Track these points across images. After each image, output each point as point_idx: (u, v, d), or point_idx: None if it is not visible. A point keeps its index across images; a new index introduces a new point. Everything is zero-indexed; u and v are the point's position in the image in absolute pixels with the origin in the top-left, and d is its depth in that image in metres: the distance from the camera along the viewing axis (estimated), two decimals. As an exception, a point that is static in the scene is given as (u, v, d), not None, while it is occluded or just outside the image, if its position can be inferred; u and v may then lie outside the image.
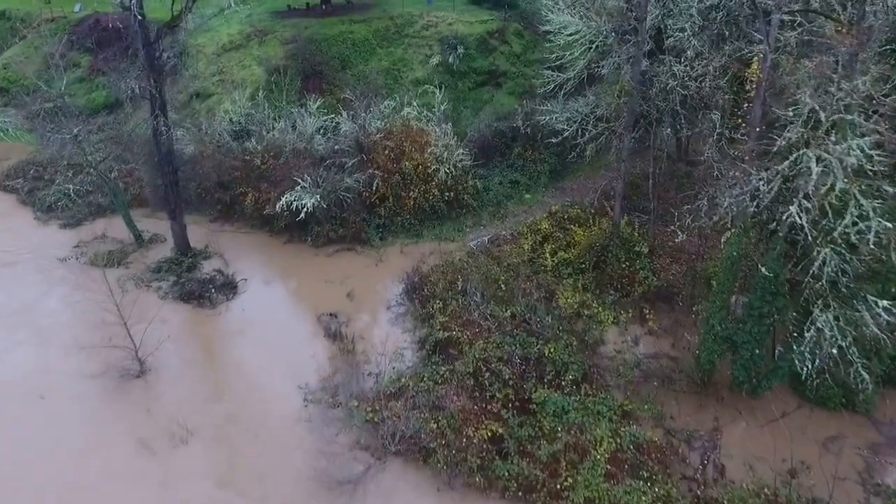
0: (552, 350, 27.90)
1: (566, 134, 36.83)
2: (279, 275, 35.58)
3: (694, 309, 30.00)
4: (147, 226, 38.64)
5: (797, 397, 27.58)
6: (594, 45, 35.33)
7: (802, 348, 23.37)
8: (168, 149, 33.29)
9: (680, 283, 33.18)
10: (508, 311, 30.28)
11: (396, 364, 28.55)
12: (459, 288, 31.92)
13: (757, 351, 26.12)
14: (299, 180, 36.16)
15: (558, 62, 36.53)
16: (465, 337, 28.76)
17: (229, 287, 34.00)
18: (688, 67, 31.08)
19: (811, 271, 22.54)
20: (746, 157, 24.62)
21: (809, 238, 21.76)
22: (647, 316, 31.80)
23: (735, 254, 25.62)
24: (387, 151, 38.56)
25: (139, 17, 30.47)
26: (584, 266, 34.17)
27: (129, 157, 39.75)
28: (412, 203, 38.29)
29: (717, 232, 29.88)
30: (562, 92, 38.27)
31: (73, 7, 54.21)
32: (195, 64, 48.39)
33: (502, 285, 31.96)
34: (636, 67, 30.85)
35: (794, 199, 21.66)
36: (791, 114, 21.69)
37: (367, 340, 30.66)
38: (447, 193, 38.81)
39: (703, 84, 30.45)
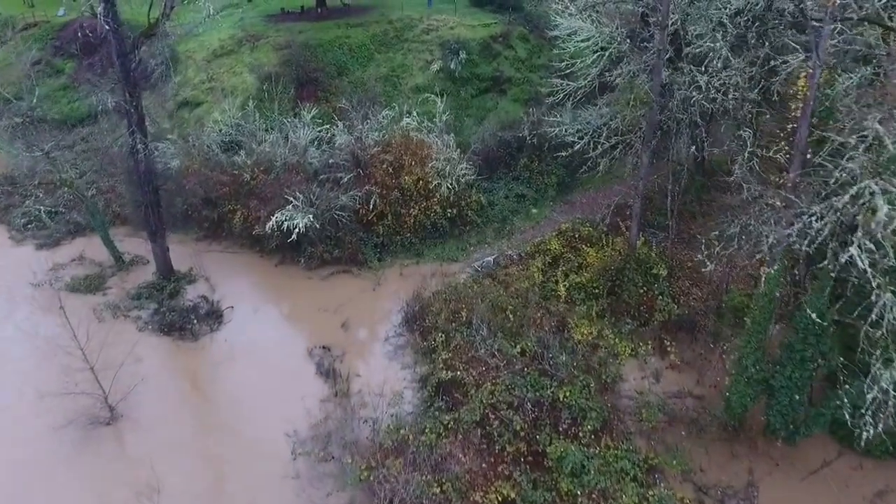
0: (568, 394, 24.54)
1: (577, 147, 33.37)
2: (269, 301, 32.20)
3: (724, 347, 26.71)
4: (129, 246, 35.23)
5: (837, 443, 24.32)
6: (607, 53, 31.87)
7: (864, 410, 19.95)
8: (147, 167, 29.88)
9: (702, 310, 29.87)
10: (518, 347, 26.91)
11: (395, 408, 25.19)
12: (464, 318, 28.54)
13: (797, 397, 22.79)
14: (291, 198, 32.75)
15: (568, 70, 33.01)
16: (471, 378, 25.43)
17: (214, 316, 30.62)
18: (711, 77, 27.61)
19: (869, 318, 19.14)
20: (790, 185, 21.19)
21: (871, 282, 18.34)
22: (668, 348, 28.44)
23: (774, 293, 22.27)
24: (385, 166, 35.13)
25: (111, 26, 26.99)
26: (597, 291, 30.79)
27: (108, 173, 36.16)
28: (412, 221, 34.91)
29: (746, 256, 26.53)
30: (570, 101, 34.84)
31: (57, 11, 50.66)
32: (184, 71, 44.95)
33: (510, 315, 28.58)
34: (656, 78, 27.38)
35: (853, 238, 18.24)
36: (852, 140, 18.24)
37: (363, 379, 27.31)
38: (449, 210, 35.41)
39: (729, 96, 26.99)
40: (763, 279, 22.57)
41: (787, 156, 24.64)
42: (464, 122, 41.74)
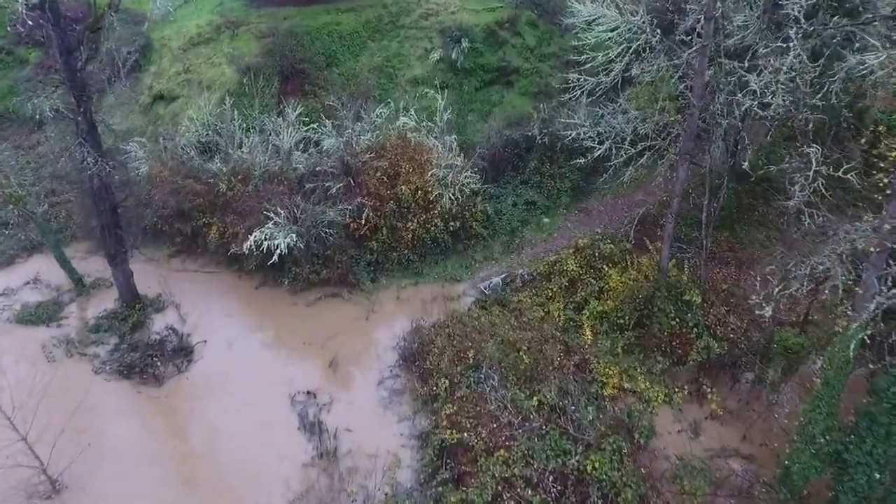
0: (597, 464, 19.97)
1: (597, 153, 28.32)
2: (247, 333, 27.37)
3: (775, 397, 22.11)
4: (92, 266, 30.30)
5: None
6: (632, 47, 26.64)
7: None
8: (101, 183, 24.87)
9: (742, 345, 25.21)
10: (535, 399, 22.28)
11: (391, 479, 20.62)
12: (470, 360, 23.85)
13: (877, 476, 18.22)
14: (271, 214, 27.81)
15: (588, 64, 27.76)
16: (480, 441, 20.83)
17: (183, 353, 25.89)
18: (763, 77, 22.52)
19: None
20: (887, 227, 16.34)
21: None
22: (708, 393, 23.84)
23: (851, 354, 17.56)
24: (379, 174, 30.13)
25: (48, 18, 21.85)
26: (623, 322, 26.09)
27: (69, 180, 31.09)
28: (410, 236, 30.00)
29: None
30: (586, 98, 29.65)
31: (21, -6, 44.96)
32: (159, 60, 39.59)
33: (524, 356, 23.89)
34: (698, 78, 22.31)
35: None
36: None
37: (353, 434, 22.71)
38: (452, 223, 30.48)
39: (785, 100, 21.92)
40: (839, 337, 17.84)
41: (863, 176, 19.83)
42: (467, 119, 36.56)
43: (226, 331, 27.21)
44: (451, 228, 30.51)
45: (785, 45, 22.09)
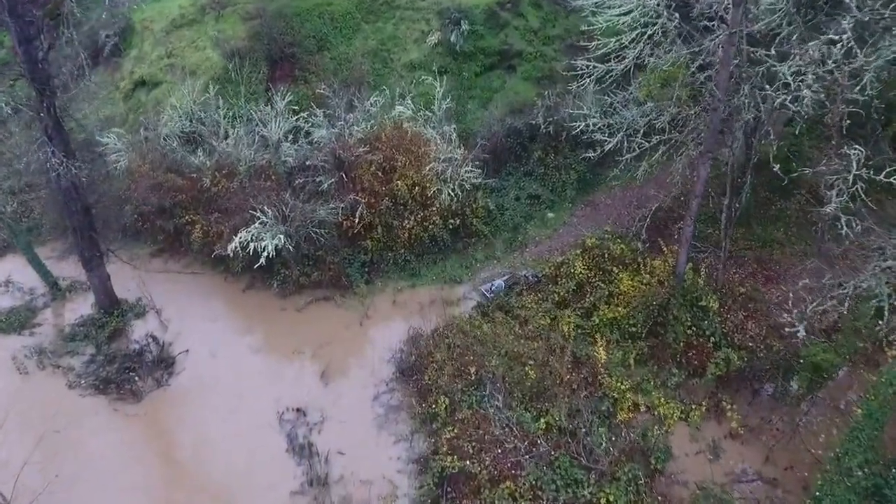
0: (612, 496, 18.09)
1: (608, 146, 25.98)
2: (232, 341, 25.25)
3: (802, 418, 20.17)
4: (67, 268, 27.95)
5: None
6: (647, 33, 24.20)
7: None
8: (71, 183, 22.55)
9: (759, 350, 23.23)
10: (543, 421, 20.31)
11: (386, 511, 18.78)
12: (472, 376, 21.84)
13: (921, 514, 16.37)
14: (258, 213, 25.55)
15: (600, 51, 25.30)
16: (484, 469, 18.91)
17: (163, 365, 23.83)
18: (793, 66, 20.15)
19: None
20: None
21: None
22: (727, 409, 21.88)
23: (903, 382, 15.58)
24: (373, 168, 27.82)
25: (6, 4, 19.39)
26: (635, 330, 24.05)
27: (35, 180, 28.72)
28: (407, 234, 27.78)
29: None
30: (594, 86, 27.22)
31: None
32: (140, 44, 36.90)
33: (531, 371, 21.85)
34: (724, 69, 19.95)
35: None
36: None
37: (345, 459, 20.76)
38: (451, 220, 28.25)
39: (820, 94, 19.57)
40: (888, 368, 15.82)
41: None
42: (466, 106, 34.10)
43: (210, 339, 25.10)
44: (451, 226, 28.29)
45: (821, 33, 19.78)
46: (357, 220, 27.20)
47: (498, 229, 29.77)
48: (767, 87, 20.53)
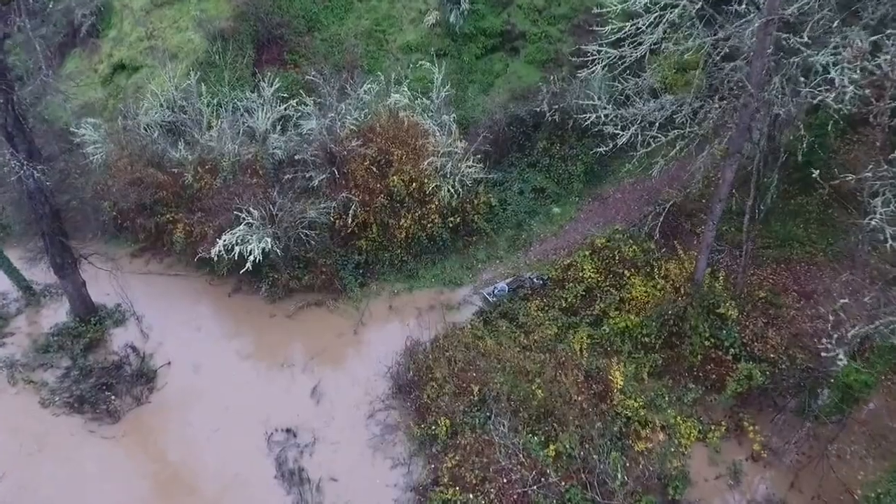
0: (628, 537, 16.37)
1: (620, 140, 23.72)
2: (218, 351, 23.33)
3: (832, 445, 18.39)
4: (42, 272, 25.70)
5: None
6: (666, 16, 21.79)
7: None
8: (37, 187, 20.34)
9: (782, 361, 21.42)
10: (552, 448, 18.49)
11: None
12: (475, 395, 19.97)
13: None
14: (244, 214, 23.41)
15: (613, 37, 22.90)
16: (489, 503, 17.13)
17: (143, 379, 21.94)
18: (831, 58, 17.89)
19: None
20: None
21: None
22: (748, 428, 20.10)
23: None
24: (367, 163, 25.62)
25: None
26: (649, 340, 22.17)
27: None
28: (404, 234, 25.71)
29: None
30: (604, 71, 24.84)
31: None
32: (119, 24, 34.29)
33: (538, 390, 19.98)
34: (758, 60, 17.70)
35: None
36: None
37: (338, 486, 19.00)
38: (451, 218, 26.16)
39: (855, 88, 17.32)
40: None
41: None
42: (467, 91, 31.77)
43: (194, 349, 23.20)
44: (451, 224, 26.21)
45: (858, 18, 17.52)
46: (350, 220, 25.09)
47: (500, 226, 27.69)
48: (802, 80, 18.33)
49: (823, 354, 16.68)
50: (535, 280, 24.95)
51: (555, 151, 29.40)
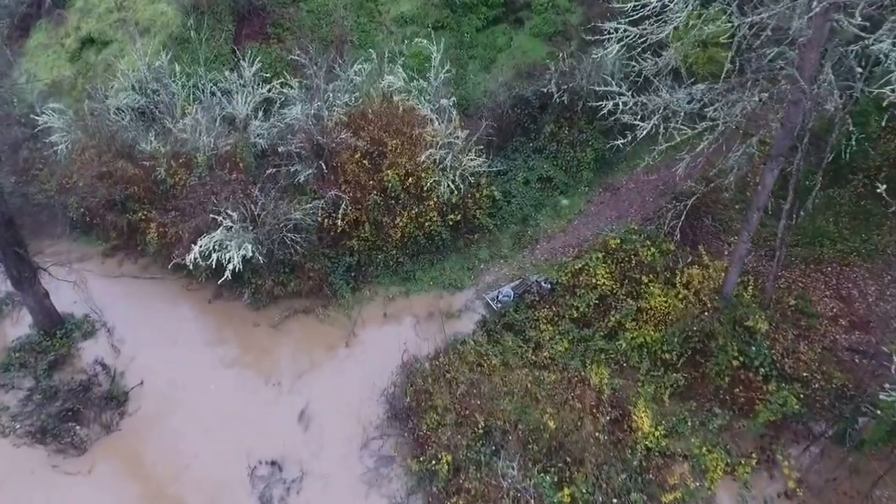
0: None
1: (641, 134, 20.79)
2: (196, 368, 20.79)
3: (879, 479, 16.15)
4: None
5: None
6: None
7: None
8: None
9: (816, 380, 19.15)
10: (566, 493, 16.25)
11: None
12: (480, 427, 17.63)
13: None
14: (221, 217, 20.63)
15: (636, 14, 19.75)
16: (497, 561, 15.00)
17: (114, 403, 19.52)
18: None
19: None
20: None
21: None
22: (780, 461, 17.90)
23: None
24: (358, 155, 22.73)
25: None
26: (670, 357, 19.77)
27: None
28: (399, 233, 22.99)
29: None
30: (619, 49, 21.76)
31: None
32: (87, -7, 30.78)
33: (550, 421, 17.64)
34: (812, 51, 14.77)
35: None
36: None
37: (329, 531, 16.86)
38: (451, 215, 23.41)
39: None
40: None
41: None
42: (466, 69, 28.59)
43: (170, 366, 20.66)
44: (450, 222, 23.47)
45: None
46: (340, 220, 22.32)
47: (504, 221, 24.96)
48: (860, 70, 15.45)
49: (883, 397, 14.28)
50: (542, 284, 22.39)
51: (563, 136, 26.40)
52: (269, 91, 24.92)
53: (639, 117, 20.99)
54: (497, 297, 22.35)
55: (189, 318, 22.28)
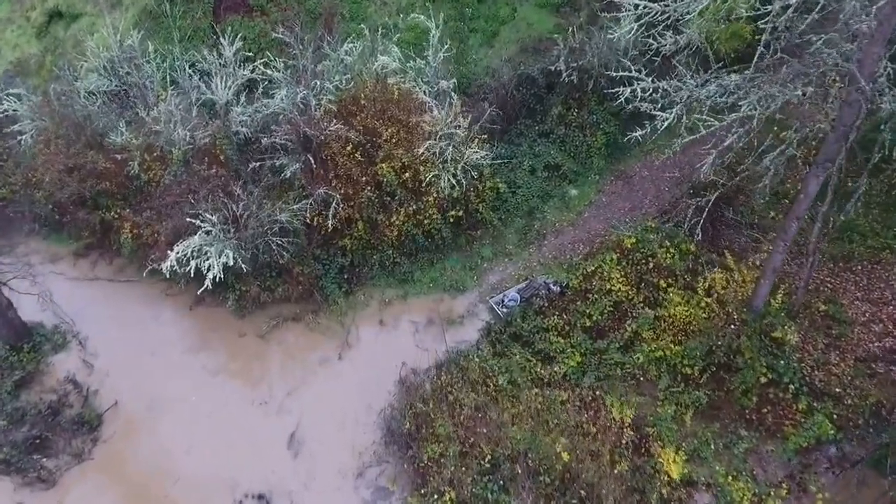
0: None
1: (662, 125, 18.35)
2: (177, 384, 18.78)
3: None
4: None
5: None
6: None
7: None
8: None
9: (848, 395, 17.34)
10: (582, 537, 14.57)
11: None
12: (486, 459, 15.80)
13: None
14: (199, 220, 18.33)
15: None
16: None
17: (86, 427, 17.60)
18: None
19: None
20: None
21: None
22: (813, 492, 16.18)
23: None
24: (350, 147, 20.30)
25: None
26: (691, 373, 17.87)
27: None
28: (396, 231, 20.75)
29: None
30: (636, 26, 19.17)
31: None
32: (53, -39, 27.69)
33: (563, 453, 15.80)
34: (874, 46, 12.35)
35: None
36: None
37: (322, 576, 15.18)
38: (452, 211, 21.14)
39: None
40: None
41: None
42: (467, 44, 25.88)
43: (147, 382, 18.71)
44: (451, 219, 21.22)
45: None
46: (331, 219, 20.02)
47: (509, 215, 22.69)
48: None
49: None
50: (551, 287, 20.34)
51: (571, 118, 23.89)
52: (252, 72, 22.20)
53: (658, 106, 18.58)
54: (502, 301, 20.30)
55: (168, 327, 20.19)
